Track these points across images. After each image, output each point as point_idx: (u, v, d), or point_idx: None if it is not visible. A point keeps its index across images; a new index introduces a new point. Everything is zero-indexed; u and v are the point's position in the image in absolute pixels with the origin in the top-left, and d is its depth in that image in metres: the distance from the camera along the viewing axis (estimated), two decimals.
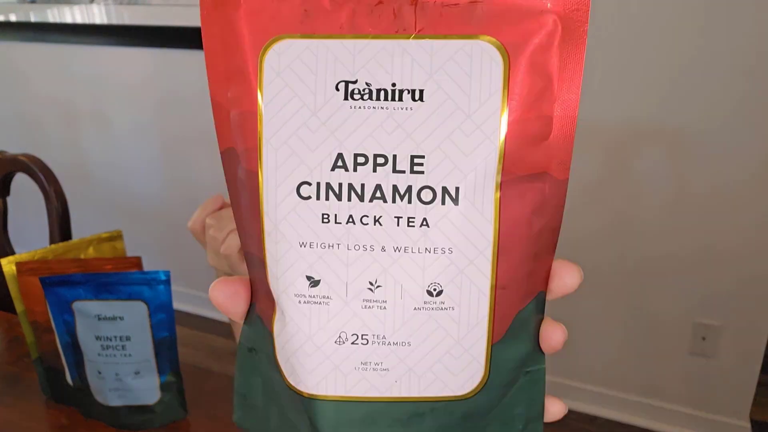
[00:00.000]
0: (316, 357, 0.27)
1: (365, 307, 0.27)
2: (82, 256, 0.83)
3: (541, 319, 0.29)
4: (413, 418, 0.28)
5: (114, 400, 0.76)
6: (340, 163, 0.26)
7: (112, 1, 2.09)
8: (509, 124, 0.26)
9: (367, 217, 0.26)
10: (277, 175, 0.27)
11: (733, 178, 1.49)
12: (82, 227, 2.34)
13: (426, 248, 0.26)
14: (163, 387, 0.77)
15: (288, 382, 0.28)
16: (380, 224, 0.26)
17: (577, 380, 1.84)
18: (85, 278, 0.71)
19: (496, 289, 0.27)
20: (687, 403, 1.73)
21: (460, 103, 0.26)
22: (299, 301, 0.27)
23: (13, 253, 1.22)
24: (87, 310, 0.71)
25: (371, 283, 0.27)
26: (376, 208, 0.26)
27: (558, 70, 0.26)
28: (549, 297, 0.29)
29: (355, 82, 0.26)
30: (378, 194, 0.26)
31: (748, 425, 1.68)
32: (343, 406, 0.28)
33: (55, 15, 2.23)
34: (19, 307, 0.79)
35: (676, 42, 1.44)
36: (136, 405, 0.77)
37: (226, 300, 0.30)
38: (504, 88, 0.25)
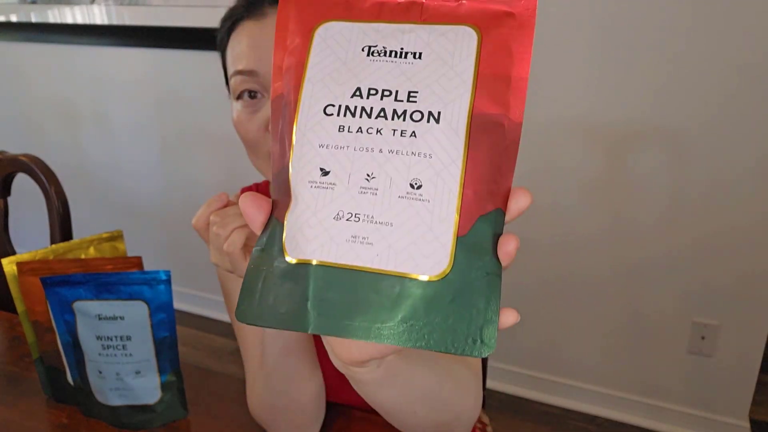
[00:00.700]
0: (317, 229, 0.35)
1: (361, 192, 0.35)
2: (83, 256, 0.84)
3: (500, 234, 0.35)
4: (388, 291, 0.34)
5: (115, 400, 0.76)
6: (357, 93, 0.36)
7: (113, 2, 2.09)
8: (479, 75, 0.36)
9: (372, 128, 0.35)
10: (311, 101, 0.37)
11: (731, 177, 1.49)
12: (82, 227, 2.34)
13: (412, 152, 0.35)
14: (164, 386, 0.77)
15: (289, 259, 0.35)
16: (381, 134, 0.35)
17: (576, 380, 1.85)
18: (86, 278, 0.71)
19: (464, 192, 0.35)
20: (686, 403, 1.73)
21: (446, 59, 0.36)
22: (311, 186, 0.35)
23: (14, 253, 1.22)
24: (88, 309, 0.72)
25: (368, 175, 0.35)
26: (380, 122, 0.35)
27: (514, 46, 0.36)
28: (507, 216, 0.36)
29: (375, 46, 0.37)
30: (382, 114, 0.36)
31: (748, 425, 1.68)
32: (332, 271, 0.34)
33: (56, 15, 2.23)
34: (20, 307, 0.80)
35: (672, 42, 1.44)
36: (136, 404, 0.77)
37: (252, 208, 0.37)
38: (477, 53, 0.36)
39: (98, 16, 2.14)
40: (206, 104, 2.07)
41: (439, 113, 0.35)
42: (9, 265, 0.78)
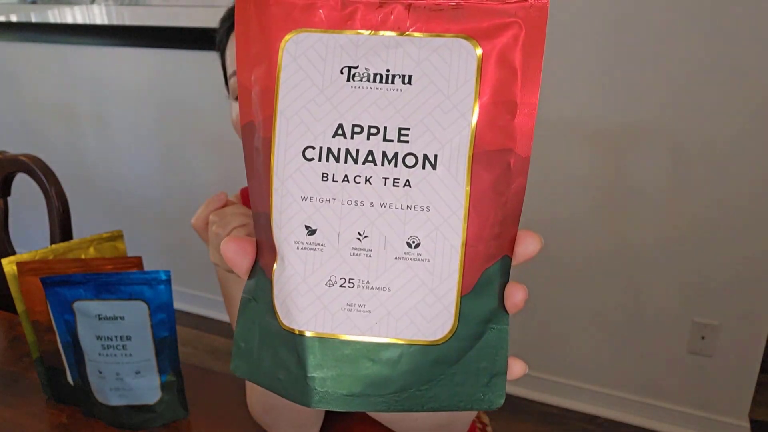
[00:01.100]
0: (308, 297, 0.32)
1: (353, 254, 0.31)
2: (83, 256, 0.84)
3: (506, 282, 0.33)
4: (389, 359, 0.32)
5: (115, 400, 0.76)
6: (339, 131, 0.31)
7: (113, 2, 2.09)
8: (480, 106, 0.31)
9: (360, 177, 0.31)
10: (287, 140, 0.32)
11: (732, 178, 1.49)
12: (82, 227, 2.35)
13: (408, 205, 0.31)
14: (164, 386, 0.77)
15: (282, 323, 0.32)
16: (370, 183, 0.31)
17: (576, 380, 1.85)
18: (86, 278, 0.71)
19: (467, 246, 0.31)
20: (686, 403, 1.73)
21: (440, 86, 0.31)
22: (297, 247, 0.32)
23: (14, 253, 1.22)
24: (88, 309, 0.72)
25: (360, 234, 0.31)
26: (368, 169, 0.31)
27: (521, 65, 0.31)
28: (514, 262, 0.33)
29: (356, 68, 0.31)
30: (370, 158, 0.31)
31: (748, 425, 1.68)
32: (329, 343, 0.32)
33: (56, 15, 2.23)
34: (20, 306, 0.80)
35: (671, 45, 1.44)
36: (136, 404, 0.77)
37: (236, 255, 0.34)
38: (477, 76, 0.31)
39: (98, 16, 2.14)
40: (206, 104, 2.08)
41: (435, 156, 0.31)
42: (9, 265, 0.78)
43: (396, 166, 0.31)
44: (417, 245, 0.31)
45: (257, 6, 0.32)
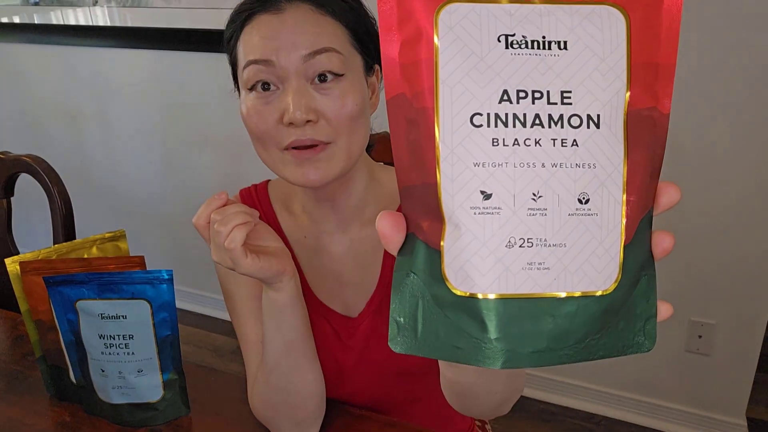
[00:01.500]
0: (490, 260, 0.33)
1: (530, 214, 0.32)
2: (86, 256, 0.85)
3: (650, 231, 0.36)
4: (568, 312, 0.33)
5: (117, 398, 0.77)
6: (505, 97, 0.32)
7: (115, 3, 2.10)
8: (632, 67, 0.33)
9: (530, 139, 0.32)
10: (453, 109, 0.32)
11: (729, 177, 1.50)
12: (85, 227, 2.35)
13: (576, 164, 0.33)
14: (166, 385, 0.78)
15: (456, 291, 0.33)
16: (540, 145, 0.32)
17: (575, 378, 1.85)
18: (89, 277, 0.72)
19: (627, 198, 0.34)
20: (683, 401, 1.74)
21: (595, 50, 0.33)
22: (474, 213, 0.33)
23: (17, 252, 1.23)
24: (90, 309, 0.73)
25: (534, 194, 0.32)
26: (536, 132, 0.32)
27: (662, 28, 0.33)
28: (656, 211, 0.36)
29: (513, 35, 0.32)
30: (537, 121, 0.32)
31: (744, 423, 1.68)
32: (512, 303, 0.33)
33: (59, 17, 2.24)
34: (23, 306, 0.81)
35: None
36: (139, 403, 0.78)
37: (391, 230, 0.35)
38: (627, 40, 0.33)
39: (100, 17, 2.15)
40: (208, 105, 2.08)
41: (598, 116, 0.33)
42: (12, 264, 0.78)
43: (563, 127, 0.32)
44: (587, 201, 0.33)
45: None
